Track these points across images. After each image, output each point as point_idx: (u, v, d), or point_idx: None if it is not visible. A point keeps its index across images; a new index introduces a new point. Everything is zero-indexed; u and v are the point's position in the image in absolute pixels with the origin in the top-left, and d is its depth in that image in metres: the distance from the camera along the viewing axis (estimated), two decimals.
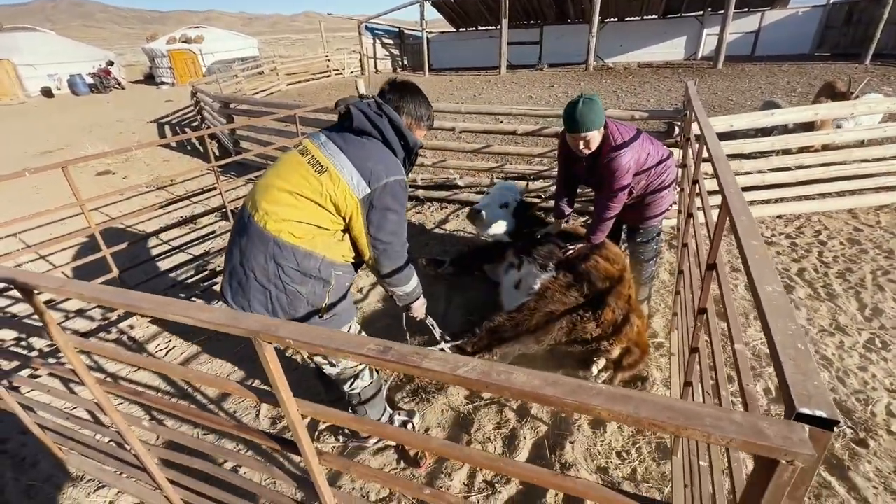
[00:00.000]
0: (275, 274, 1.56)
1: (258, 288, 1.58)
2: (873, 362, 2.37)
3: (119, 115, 12.60)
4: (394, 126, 1.64)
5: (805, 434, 0.49)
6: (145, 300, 0.91)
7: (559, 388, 0.58)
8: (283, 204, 1.55)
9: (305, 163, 1.59)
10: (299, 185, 1.56)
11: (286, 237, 1.55)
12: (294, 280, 1.58)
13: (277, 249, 1.55)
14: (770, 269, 0.83)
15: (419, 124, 1.76)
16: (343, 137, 1.63)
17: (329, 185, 1.54)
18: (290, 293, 1.59)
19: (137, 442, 1.40)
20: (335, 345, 0.72)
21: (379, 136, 1.63)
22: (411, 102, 1.72)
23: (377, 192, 1.56)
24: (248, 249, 1.58)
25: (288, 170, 1.61)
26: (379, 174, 1.56)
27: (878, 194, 4.06)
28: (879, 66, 11.27)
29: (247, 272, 1.58)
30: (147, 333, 3.03)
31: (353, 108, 1.62)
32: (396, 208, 1.62)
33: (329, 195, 1.55)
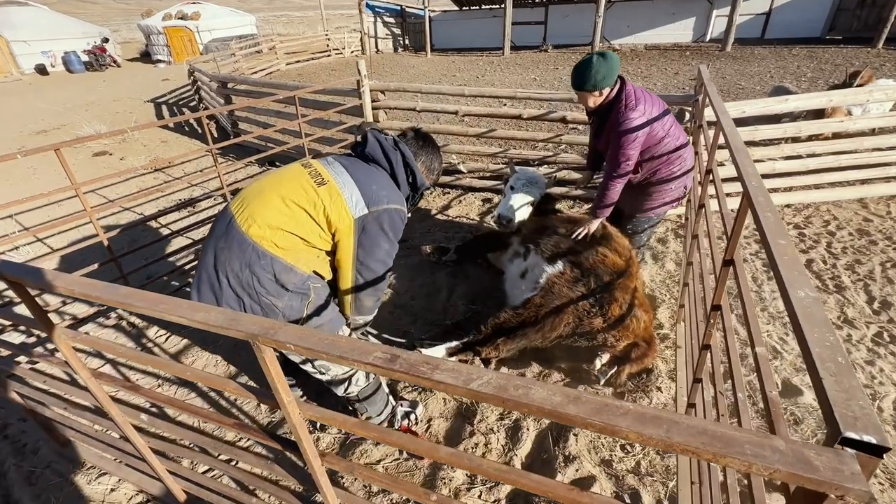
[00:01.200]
0: (248, 283, 1.47)
1: (231, 295, 1.48)
2: (881, 356, 2.35)
3: (115, 94, 12.36)
4: (405, 162, 1.65)
5: (857, 467, 0.45)
6: (136, 297, 0.86)
7: (582, 407, 0.53)
8: (272, 209, 1.47)
9: (306, 174, 1.54)
10: (294, 192, 1.49)
11: (267, 245, 1.45)
12: (269, 292, 1.48)
13: (255, 257, 1.45)
14: (801, 271, 0.78)
15: (429, 174, 1.81)
16: (350, 161, 1.62)
17: (326, 197, 1.48)
18: (265, 305, 1.49)
19: (136, 435, 1.38)
20: (338, 352, 0.67)
21: (388, 167, 1.63)
22: (429, 151, 1.78)
23: (375, 215, 1.52)
24: (224, 253, 1.48)
25: (286, 177, 1.55)
26: (380, 198, 1.54)
27: (890, 184, 3.98)
28: (893, 51, 10.99)
29: (220, 277, 1.48)
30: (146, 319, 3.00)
31: (370, 135, 1.64)
32: (391, 237, 1.59)
33: (324, 208, 1.48)
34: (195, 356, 2.65)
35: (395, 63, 15.10)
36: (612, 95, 2.28)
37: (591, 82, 2.21)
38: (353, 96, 4.36)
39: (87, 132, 8.12)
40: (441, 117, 6.96)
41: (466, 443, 2.01)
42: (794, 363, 2.34)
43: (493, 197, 4.48)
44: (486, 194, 4.55)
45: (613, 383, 2.16)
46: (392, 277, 3.23)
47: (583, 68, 2.22)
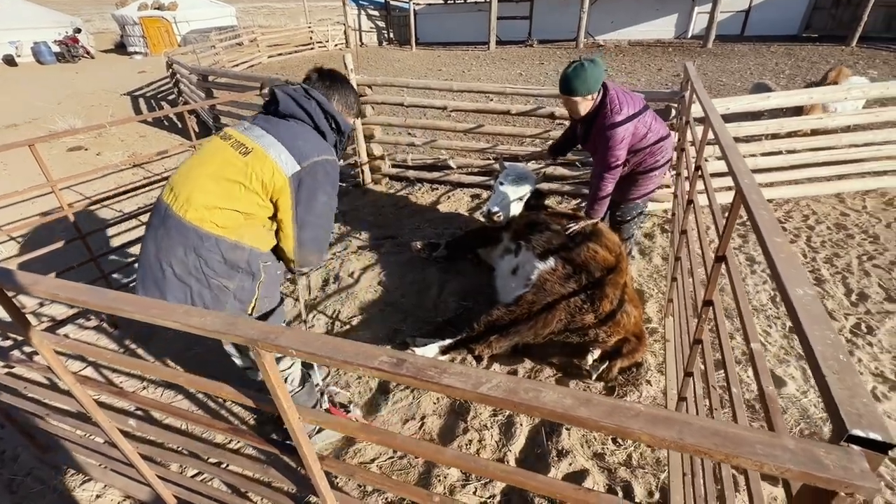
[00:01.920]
0: (196, 267, 1.45)
1: (177, 284, 1.46)
2: (859, 347, 2.43)
3: (90, 87, 11.95)
4: (323, 109, 1.59)
5: (865, 464, 0.45)
6: (126, 301, 0.83)
7: (594, 409, 0.53)
8: (205, 190, 1.44)
9: (228, 146, 1.49)
10: (222, 167, 1.45)
11: (209, 227, 1.43)
12: (219, 273, 1.48)
13: (199, 240, 1.43)
14: (799, 269, 0.79)
15: (349, 111, 1.73)
16: (268, 121, 1.56)
17: (255, 164, 1.44)
18: (215, 287, 1.49)
19: (124, 441, 1.34)
20: (343, 356, 0.66)
21: (308, 119, 1.57)
22: (340, 89, 1.69)
23: (307, 169, 1.49)
24: (164, 242, 1.45)
25: (209, 155, 1.50)
26: (309, 152, 1.50)
27: (864, 179, 4.11)
28: (865, 49, 11.32)
29: (163, 267, 1.45)
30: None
31: (278, 92, 1.55)
32: (327, 189, 1.55)
33: (254, 174, 1.44)
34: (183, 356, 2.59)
35: (380, 57, 14.93)
36: (598, 100, 2.33)
37: (585, 87, 2.22)
38: None
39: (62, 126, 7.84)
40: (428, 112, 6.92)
41: (460, 440, 2.01)
42: (777, 355, 2.40)
43: (483, 193, 4.48)
44: (475, 190, 4.54)
45: (605, 378, 2.19)
46: (382, 275, 3.21)
47: (574, 74, 2.22)
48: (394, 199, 4.50)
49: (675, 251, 2.37)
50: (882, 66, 9.20)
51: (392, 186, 4.76)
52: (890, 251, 3.23)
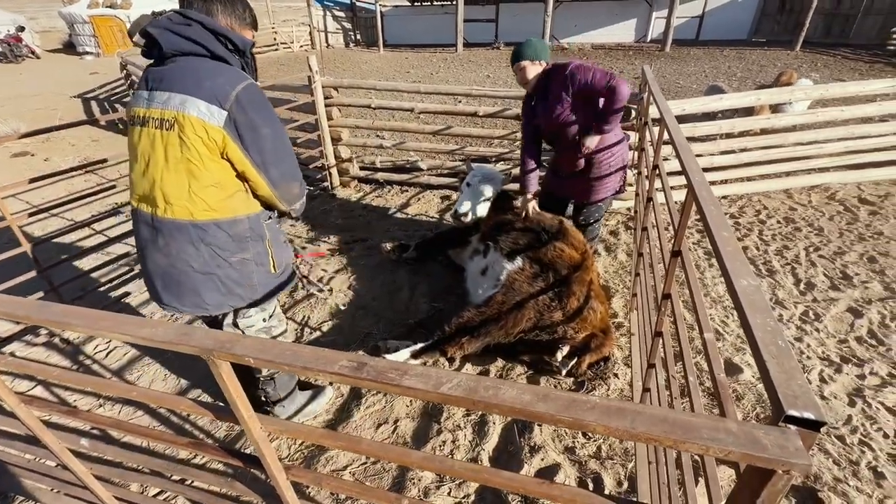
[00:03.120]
0: (212, 255, 1.46)
1: (203, 279, 1.48)
2: (808, 333, 2.58)
3: (35, 89, 11.26)
4: (210, 30, 1.34)
5: (800, 442, 0.48)
6: (73, 315, 0.78)
7: (552, 404, 0.54)
8: (171, 183, 1.36)
9: (152, 130, 1.35)
10: (167, 154, 1.34)
11: (201, 215, 1.40)
12: (234, 251, 1.50)
13: (201, 231, 1.43)
14: (743, 261, 0.84)
15: (242, 24, 1.46)
16: (161, 73, 1.35)
17: (188, 132, 1.30)
18: (236, 264, 1.51)
19: (76, 462, 1.27)
20: (301, 362, 0.64)
21: (202, 49, 1.34)
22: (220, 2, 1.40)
23: (233, 108, 1.31)
24: (171, 248, 1.44)
25: (145, 148, 1.38)
26: (223, 88, 1.30)
27: (810, 175, 4.38)
28: (808, 53, 12.08)
29: (184, 269, 1.46)
30: (83, 334, 2.77)
31: (153, 30, 1.30)
32: (264, 117, 1.39)
33: (194, 143, 1.32)
34: (142, 371, 2.48)
35: (347, 58, 14.77)
36: (548, 68, 2.47)
37: (532, 51, 2.42)
38: (305, 92, 4.21)
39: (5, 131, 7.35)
40: (396, 114, 6.89)
41: (434, 441, 2.01)
42: (734, 343, 2.52)
43: (452, 194, 4.50)
44: (444, 191, 4.56)
45: (575, 373, 2.24)
46: (352, 278, 3.17)
47: (521, 45, 2.46)
48: (363, 201, 4.46)
49: (638, 247, 2.46)
50: (823, 69, 9.84)
51: (361, 189, 4.72)
52: (833, 242, 3.45)
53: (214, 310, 1.56)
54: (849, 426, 2.01)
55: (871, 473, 1.81)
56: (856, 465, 1.84)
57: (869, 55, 11.53)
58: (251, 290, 1.59)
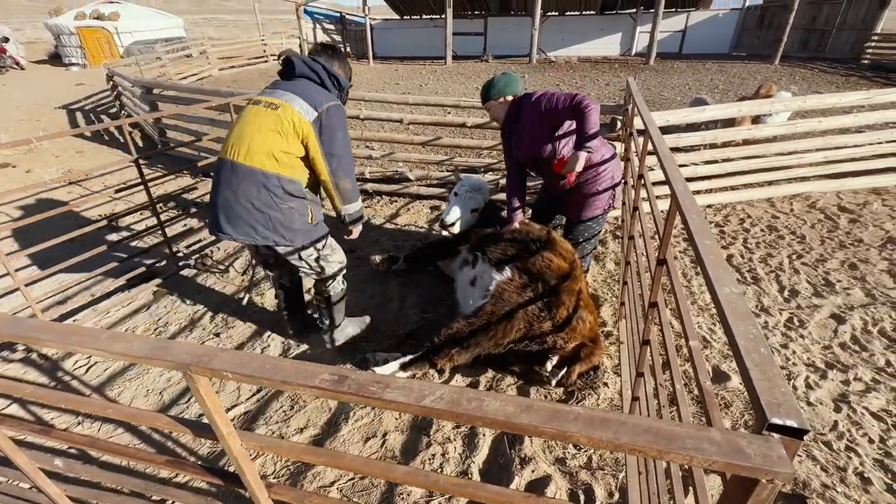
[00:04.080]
0: (268, 198, 1.96)
1: (258, 214, 1.97)
2: (793, 339, 2.61)
3: (19, 100, 11.10)
4: (326, 70, 2.09)
5: (783, 451, 0.48)
6: (43, 329, 0.76)
7: (535, 415, 0.54)
8: (258, 140, 1.93)
9: (262, 108, 1.98)
10: (265, 123, 1.94)
11: (271, 167, 1.94)
12: (285, 200, 2.00)
13: (265, 179, 1.94)
14: (726, 269, 0.84)
15: (345, 73, 2.23)
16: (286, 83, 2.05)
17: (285, 115, 1.92)
18: (285, 210, 2.01)
19: (49, 484, 1.22)
20: (282, 376, 0.63)
21: (315, 77, 2.06)
22: (338, 56, 2.20)
23: (322, 114, 1.96)
24: (240, 187, 1.93)
25: (250, 117, 1.99)
26: (321, 101, 1.98)
27: (791, 184, 4.48)
28: (787, 67, 12.45)
29: (244, 204, 1.95)
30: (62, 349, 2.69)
31: (293, 57, 2.06)
32: (341, 127, 2.02)
33: (286, 123, 1.92)
34: (123, 387, 2.41)
35: None
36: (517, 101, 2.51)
37: (495, 90, 2.53)
38: None
39: None
40: (386, 125, 6.92)
41: (423, 454, 1.98)
42: (721, 351, 2.54)
43: (441, 204, 4.50)
44: (433, 202, 4.56)
45: (565, 383, 2.23)
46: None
47: (486, 85, 2.59)
48: None
49: (625, 256, 2.48)
50: (801, 82, 10.14)
51: None
52: (815, 250, 3.52)
53: (261, 240, 2.04)
54: (835, 432, 2.03)
55: (858, 479, 1.82)
56: (843, 472, 1.85)
57: (844, 69, 11.92)
58: (291, 233, 2.07)
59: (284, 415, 2.19)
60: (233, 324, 2.87)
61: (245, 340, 2.72)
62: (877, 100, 3.99)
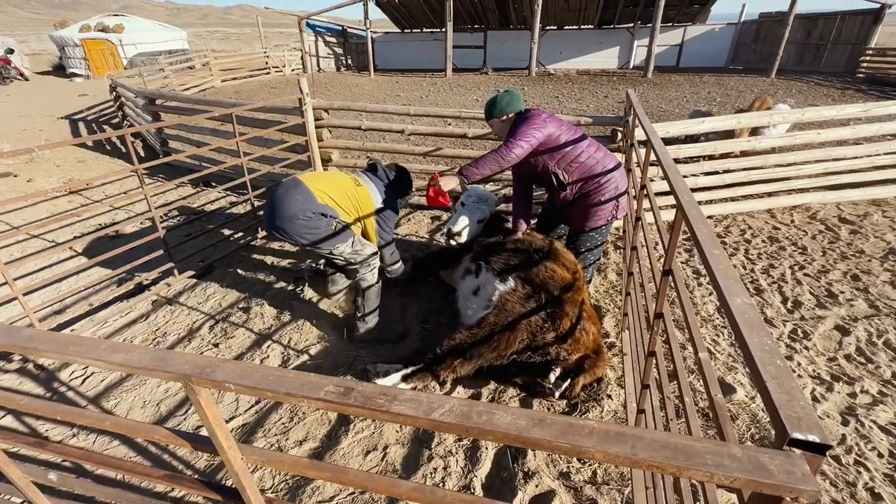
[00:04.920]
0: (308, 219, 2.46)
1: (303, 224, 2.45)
2: (797, 351, 2.59)
3: (22, 110, 11.17)
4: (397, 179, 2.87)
5: (806, 468, 0.46)
6: (41, 339, 0.74)
7: (548, 430, 0.52)
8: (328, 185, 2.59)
9: (350, 178, 2.72)
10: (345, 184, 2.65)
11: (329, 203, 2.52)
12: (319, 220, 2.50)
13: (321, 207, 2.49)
14: (736, 279, 0.83)
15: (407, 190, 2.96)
16: (369, 176, 2.81)
17: (361, 193, 2.68)
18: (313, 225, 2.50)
19: (42, 499, 1.19)
20: (285, 388, 0.61)
21: (386, 180, 2.83)
22: (406, 177, 2.94)
23: (384, 205, 2.76)
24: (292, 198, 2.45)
25: (337, 174, 2.76)
26: (383, 196, 2.77)
27: (791, 196, 4.49)
28: (783, 80, 12.60)
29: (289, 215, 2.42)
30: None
31: (378, 165, 2.88)
32: (392, 217, 2.85)
33: (360, 196, 2.67)
34: (119, 398, 2.37)
35: (339, 82, 14.99)
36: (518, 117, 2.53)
37: (498, 108, 2.60)
38: (295, 114, 4.24)
39: None
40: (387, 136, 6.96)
41: (425, 468, 1.94)
42: (725, 363, 2.51)
43: (443, 214, 4.50)
44: (435, 212, 4.56)
45: (568, 395, 2.20)
46: (341, 299, 3.12)
47: (489, 103, 2.65)
48: None
49: (628, 267, 2.47)
50: (797, 95, 10.24)
51: None
52: (817, 261, 3.51)
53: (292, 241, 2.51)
54: (843, 446, 1.99)
55: (868, 495, 1.78)
56: (853, 487, 1.82)
57: (840, 82, 12.06)
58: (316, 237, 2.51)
59: (283, 427, 2.16)
60: (232, 334, 2.84)
61: (244, 350, 2.70)
62: (874, 112, 4.02)
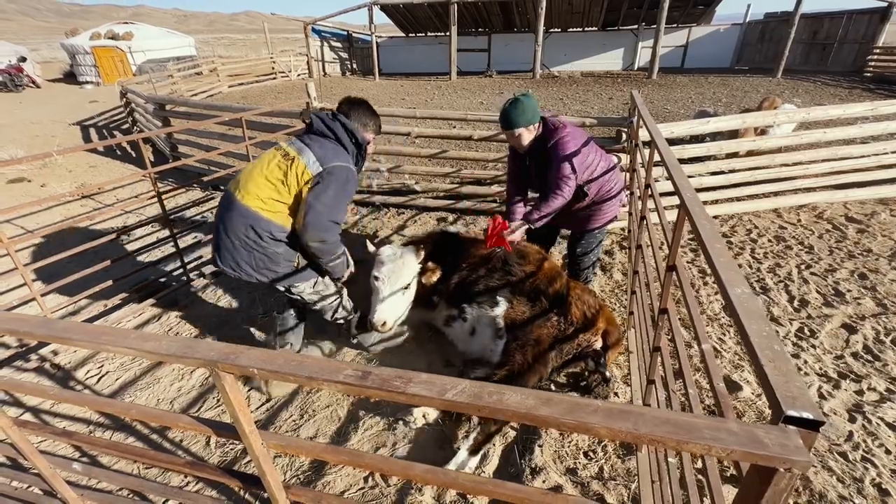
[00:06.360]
0: (254, 240, 2.05)
1: (242, 253, 2.07)
2: (804, 349, 2.59)
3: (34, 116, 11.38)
4: (346, 128, 2.13)
5: (799, 441, 0.49)
6: (75, 330, 0.79)
7: (555, 408, 0.55)
8: (259, 185, 2.04)
9: (279, 155, 2.10)
10: (272, 171, 2.06)
11: (264, 213, 2.03)
12: (271, 244, 2.08)
13: (255, 220, 2.03)
14: (736, 271, 0.86)
15: (366, 128, 2.25)
16: (306, 137, 2.15)
17: (295, 167, 2.03)
18: (270, 254, 2.09)
19: (67, 488, 1.23)
20: (307, 372, 0.65)
21: (332, 136, 2.13)
22: (358, 111, 2.23)
23: (326, 170, 2.02)
24: (231, 222, 2.04)
25: (265, 161, 2.11)
26: (330, 159, 2.04)
27: (797, 195, 4.48)
28: (789, 80, 12.53)
29: (233, 240, 2.05)
30: (74, 359, 2.72)
31: (313, 116, 2.16)
32: (337, 187, 2.02)
33: (292, 175, 2.03)
34: (133, 397, 2.43)
35: (344, 86, 15.12)
36: (540, 129, 2.40)
37: (525, 118, 2.30)
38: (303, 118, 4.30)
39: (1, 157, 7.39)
40: (393, 139, 7.02)
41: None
42: (732, 361, 2.52)
43: (448, 216, 4.54)
44: (440, 213, 4.60)
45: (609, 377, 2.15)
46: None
47: (513, 108, 2.30)
48: (360, 224, 4.49)
49: (633, 265, 2.49)
50: (804, 95, 10.19)
51: (358, 212, 4.76)
52: (824, 260, 3.51)
53: (245, 276, 2.13)
54: (850, 443, 2.00)
55: (875, 491, 1.79)
56: (860, 483, 1.82)
57: (847, 82, 11.99)
58: (275, 274, 2.15)
59: (294, 424, 2.20)
60: (242, 334, 2.89)
61: None
62: (881, 111, 4.02)
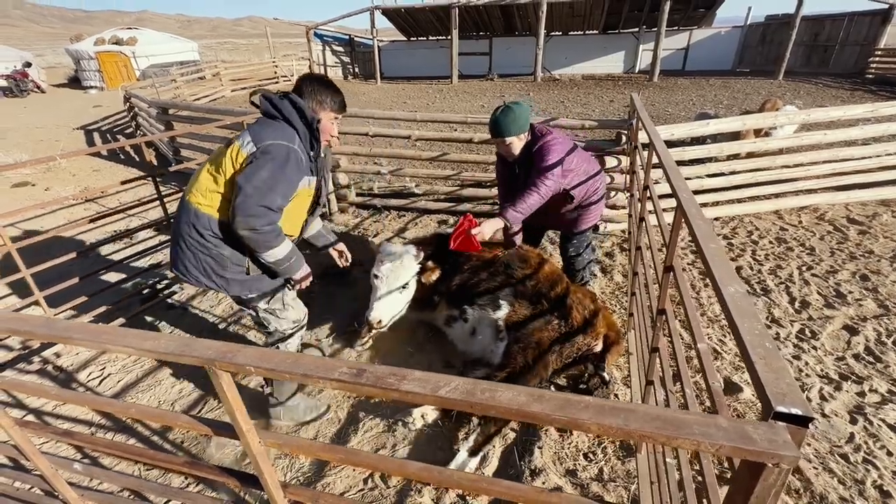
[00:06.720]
0: (198, 241, 1.82)
1: (189, 255, 1.84)
2: (805, 351, 2.58)
3: (39, 121, 11.48)
4: (295, 106, 1.83)
5: (788, 436, 0.50)
6: (76, 330, 0.80)
7: (547, 404, 0.56)
8: (201, 178, 1.83)
9: (224, 146, 1.86)
10: (214, 161, 1.84)
11: (203, 208, 1.80)
12: (215, 244, 1.83)
13: (196, 218, 1.80)
14: (730, 270, 0.86)
15: (322, 106, 1.94)
16: (256, 122, 1.86)
17: (230, 150, 1.78)
18: (216, 256, 1.84)
19: (68, 489, 1.24)
20: (302, 370, 0.66)
21: (280, 115, 1.83)
22: (312, 87, 1.92)
23: (261, 149, 1.74)
24: (178, 224, 1.86)
25: (213, 155, 1.90)
26: (266, 138, 1.75)
27: (798, 197, 4.47)
28: (790, 82, 12.53)
29: (179, 242, 1.85)
30: (76, 361, 2.73)
31: (260, 97, 1.88)
32: (273, 167, 1.73)
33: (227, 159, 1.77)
34: (135, 397, 2.44)
35: (346, 90, 15.15)
36: (530, 138, 2.41)
37: (517, 126, 2.30)
38: None
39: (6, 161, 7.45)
40: (394, 142, 7.06)
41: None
42: (733, 362, 2.52)
43: (449, 218, 4.55)
44: (441, 216, 4.62)
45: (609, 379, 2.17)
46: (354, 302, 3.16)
47: (504, 116, 2.29)
48: (361, 227, 4.51)
49: (633, 267, 2.49)
50: (805, 97, 10.18)
51: (359, 215, 4.77)
52: (825, 261, 3.50)
53: (194, 281, 1.90)
54: (852, 444, 1.99)
55: (877, 493, 1.78)
56: (861, 485, 1.81)
57: (849, 83, 11.98)
58: (224, 280, 1.90)
59: (294, 427, 2.20)
60: (242, 336, 2.90)
61: None
62: (882, 112, 4.01)
